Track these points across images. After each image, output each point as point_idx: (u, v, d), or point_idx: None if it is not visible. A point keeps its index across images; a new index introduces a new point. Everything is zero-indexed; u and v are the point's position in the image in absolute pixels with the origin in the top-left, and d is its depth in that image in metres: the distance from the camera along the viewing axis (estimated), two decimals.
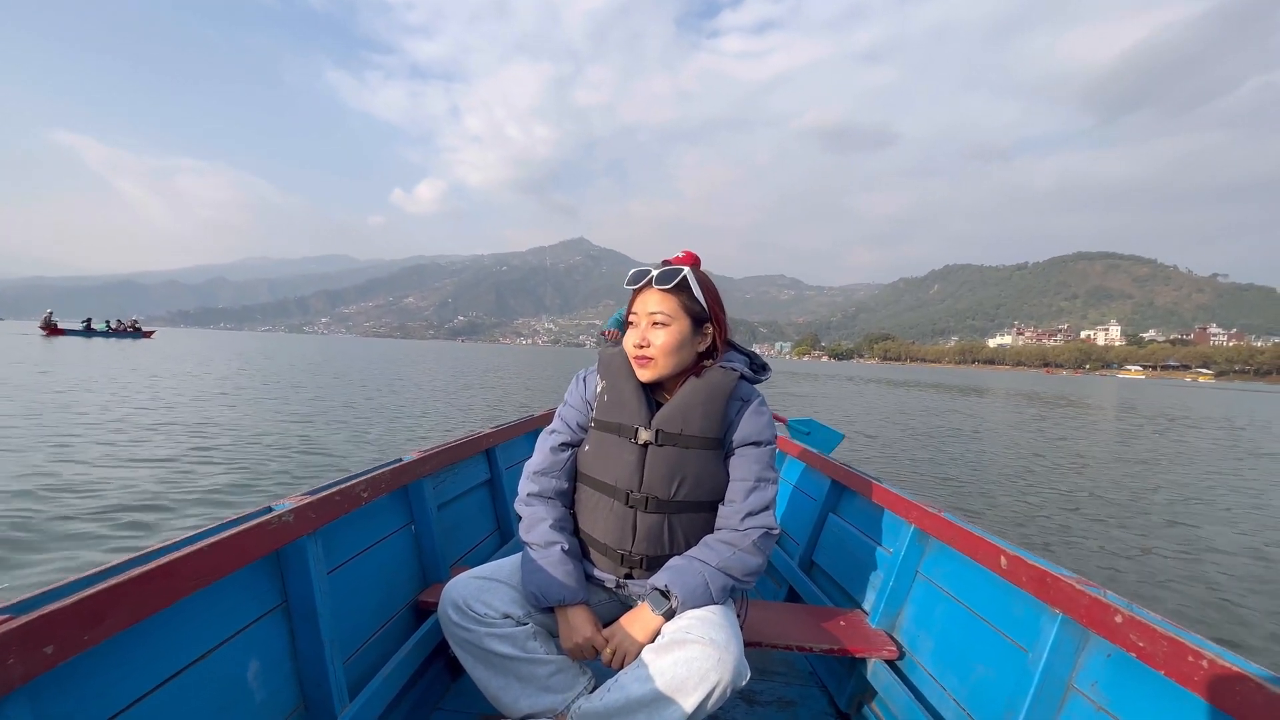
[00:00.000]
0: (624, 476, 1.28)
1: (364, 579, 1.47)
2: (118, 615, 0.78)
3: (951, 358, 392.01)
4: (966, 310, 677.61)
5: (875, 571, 1.83)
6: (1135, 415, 22.01)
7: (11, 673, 0.65)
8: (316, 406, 11.37)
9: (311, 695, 1.21)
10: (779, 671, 1.85)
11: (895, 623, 1.67)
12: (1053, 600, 1.16)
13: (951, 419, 16.17)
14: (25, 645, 0.67)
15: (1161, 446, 12.64)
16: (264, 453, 6.77)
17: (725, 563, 1.24)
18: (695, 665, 1.09)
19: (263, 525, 1.08)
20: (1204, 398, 49.83)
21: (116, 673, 0.84)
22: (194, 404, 10.54)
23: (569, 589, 1.27)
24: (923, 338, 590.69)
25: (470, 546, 2.11)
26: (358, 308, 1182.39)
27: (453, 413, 11.93)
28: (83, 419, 8.14)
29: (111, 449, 6.40)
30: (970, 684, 1.35)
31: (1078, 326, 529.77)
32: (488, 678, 1.26)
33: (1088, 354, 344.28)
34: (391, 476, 1.56)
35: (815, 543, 2.22)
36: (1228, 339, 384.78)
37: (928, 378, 71.64)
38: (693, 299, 1.30)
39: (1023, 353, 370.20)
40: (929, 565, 1.64)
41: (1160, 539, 5.39)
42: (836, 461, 2.23)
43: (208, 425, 8.32)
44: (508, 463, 2.49)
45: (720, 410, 1.29)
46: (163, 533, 4.03)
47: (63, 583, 0.80)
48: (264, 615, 1.14)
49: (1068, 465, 9.39)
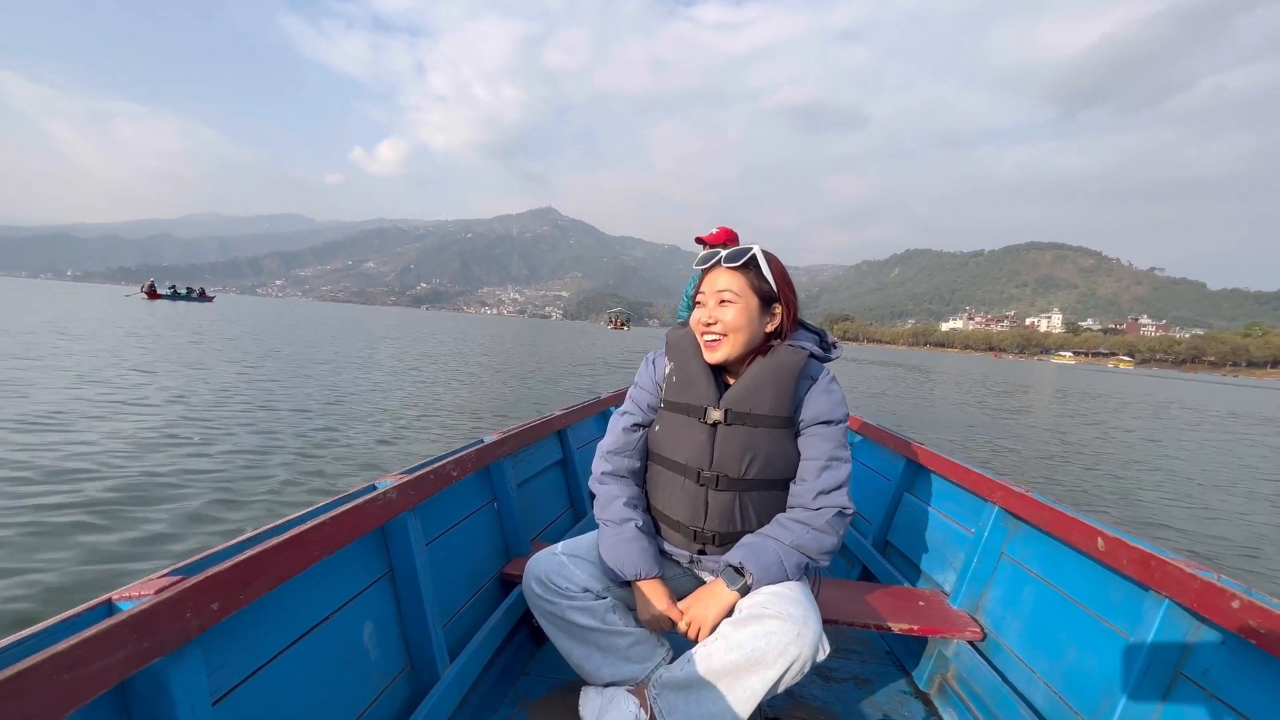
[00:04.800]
0: (694, 455, 1.30)
1: (455, 552, 1.56)
2: (263, 579, 0.88)
3: (905, 339, 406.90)
4: (924, 294, 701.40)
5: (955, 552, 1.82)
6: (1068, 399, 23.20)
7: (189, 625, 0.75)
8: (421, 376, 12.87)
9: (417, 657, 1.31)
10: (854, 649, 1.86)
11: (978, 604, 1.65)
12: (1158, 584, 1.11)
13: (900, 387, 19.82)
14: (198, 601, 0.77)
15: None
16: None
17: (799, 541, 1.25)
18: (774, 639, 1.10)
19: (371, 501, 1.17)
20: (1110, 382, 55.18)
21: (262, 629, 0.95)
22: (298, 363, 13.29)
23: (644, 564, 1.30)
24: (882, 320, 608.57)
25: (547, 523, 2.19)
26: (315, 270, 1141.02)
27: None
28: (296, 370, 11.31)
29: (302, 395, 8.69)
30: (1063, 668, 1.33)
31: (1025, 313, 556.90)
32: (571, 647, 1.32)
33: (1029, 339, 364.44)
34: (476, 457, 1.65)
35: (890, 522, 2.22)
36: (1156, 330, 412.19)
37: (876, 356, 76.95)
38: (761, 278, 1.30)
39: (970, 337, 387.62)
40: (1015, 546, 1.61)
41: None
42: (911, 440, 2.21)
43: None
44: (578, 443, 2.56)
45: (789, 389, 1.29)
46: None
47: (217, 549, 0.91)
48: (374, 583, 1.24)
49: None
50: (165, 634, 0.72)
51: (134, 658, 0.68)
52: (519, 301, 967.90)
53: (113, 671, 0.66)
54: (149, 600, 0.72)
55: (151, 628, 0.70)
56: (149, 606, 0.71)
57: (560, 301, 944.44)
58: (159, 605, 0.72)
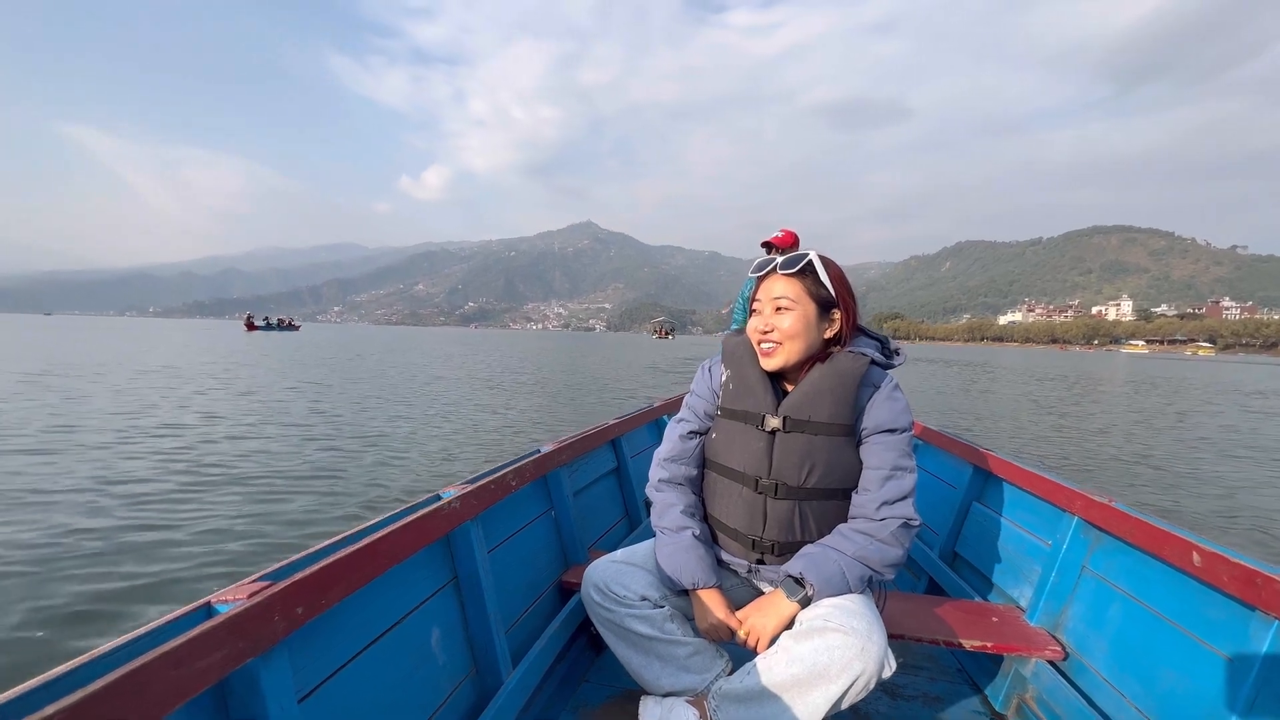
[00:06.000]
0: (752, 463, 1.29)
1: (514, 559, 1.59)
2: (341, 585, 0.93)
3: (961, 335, 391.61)
4: (979, 287, 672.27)
5: (1030, 565, 1.74)
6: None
7: (277, 628, 0.80)
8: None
9: (481, 662, 1.35)
10: (922, 666, 1.79)
11: (1058, 621, 1.56)
12: (1265, 603, 1.04)
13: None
14: (285, 606, 0.82)
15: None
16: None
17: (862, 552, 1.21)
18: (837, 653, 1.07)
19: (437, 511, 1.21)
20: (1189, 371, 51.10)
21: (340, 634, 1.00)
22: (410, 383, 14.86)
23: (701, 573, 1.29)
24: (934, 316, 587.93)
25: (603, 530, 2.21)
26: (369, 295, 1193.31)
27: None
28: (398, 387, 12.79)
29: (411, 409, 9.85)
30: (1156, 692, 1.24)
31: (1091, 301, 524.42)
32: (630, 655, 1.32)
33: (1096, 329, 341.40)
34: (534, 466, 1.67)
35: (958, 533, 2.15)
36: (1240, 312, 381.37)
37: (929, 354, 72.99)
38: (818, 283, 1.28)
39: (1031, 329, 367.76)
40: (1099, 560, 1.52)
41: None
42: (980, 446, 2.14)
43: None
44: (632, 451, 2.58)
45: (850, 396, 1.25)
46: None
47: (297, 556, 0.97)
48: (439, 590, 1.28)
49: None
50: (257, 635, 0.77)
51: (231, 657, 0.73)
52: (563, 315, 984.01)
53: (213, 670, 0.70)
54: (243, 604, 0.77)
55: (246, 630, 0.75)
56: (243, 610, 0.76)
57: (603, 313, 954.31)
58: (252, 609, 0.77)
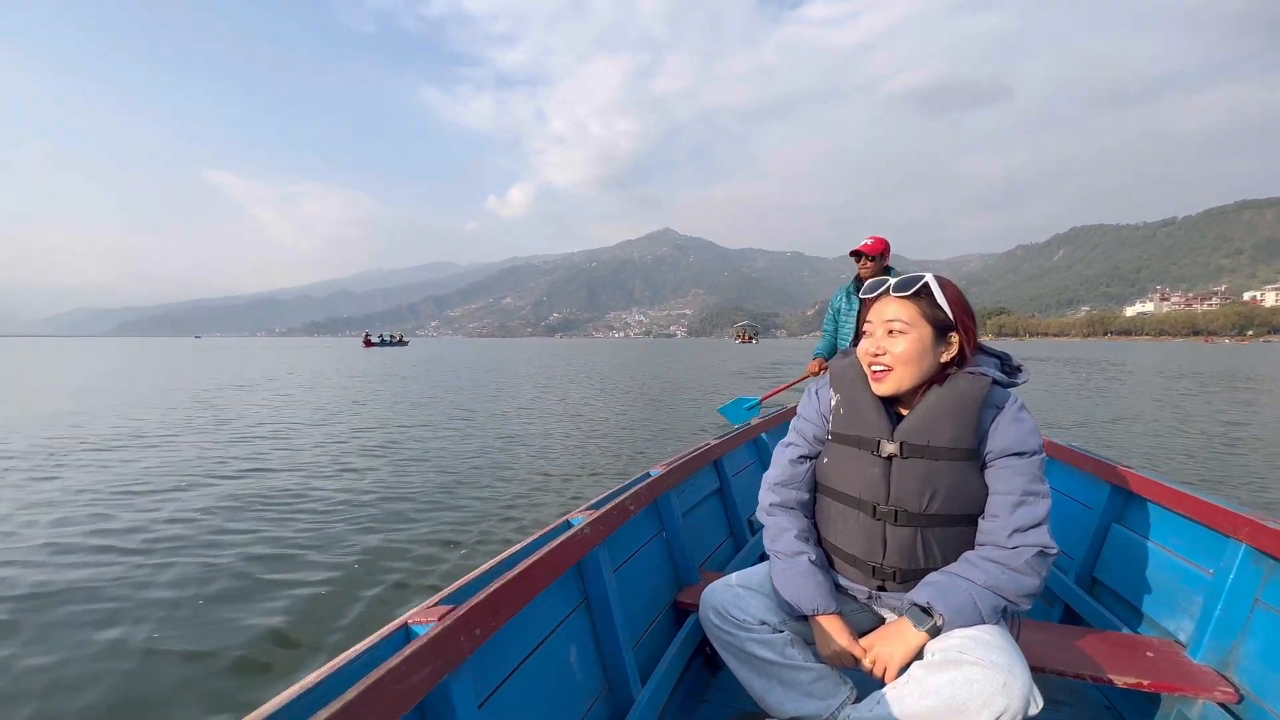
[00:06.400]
0: (869, 489, 1.25)
1: (634, 581, 1.64)
2: (506, 609, 1.01)
3: (1079, 330, 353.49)
4: (1098, 276, 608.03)
5: (1188, 595, 1.60)
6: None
7: (464, 648, 0.89)
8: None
9: (613, 679, 1.40)
10: (1066, 702, 1.67)
11: (1228, 660, 1.42)
12: None
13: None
14: (468, 627, 0.90)
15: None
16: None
17: (994, 582, 1.15)
18: (976, 688, 1.03)
19: (572, 537, 1.28)
20: None
21: (503, 651, 1.09)
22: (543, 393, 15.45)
23: (820, 599, 1.26)
24: (1046, 310, 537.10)
25: (710, 550, 2.24)
26: (462, 310, 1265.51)
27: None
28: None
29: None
30: None
31: (1243, 286, 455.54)
32: (751, 679, 1.31)
33: (1250, 317, 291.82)
34: (647, 490, 1.73)
35: (1096, 557, 2.02)
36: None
37: (1041, 351, 63.95)
38: (934, 305, 1.23)
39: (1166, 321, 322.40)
40: (1274, 592, 1.38)
41: None
42: (1119, 464, 2.00)
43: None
44: (733, 470, 2.60)
45: (972, 419, 1.20)
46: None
47: (464, 581, 1.05)
48: (573, 611, 1.34)
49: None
50: (449, 655, 0.85)
51: (434, 673, 0.81)
52: (644, 323, 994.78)
53: (422, 685, 0.78)
54: (436, 626, 0.86)
55: (443, 649, 0.84)
56: (440, 632, 0.85)
57: (684, 319, 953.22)
58: (446, 630, 0.86)
